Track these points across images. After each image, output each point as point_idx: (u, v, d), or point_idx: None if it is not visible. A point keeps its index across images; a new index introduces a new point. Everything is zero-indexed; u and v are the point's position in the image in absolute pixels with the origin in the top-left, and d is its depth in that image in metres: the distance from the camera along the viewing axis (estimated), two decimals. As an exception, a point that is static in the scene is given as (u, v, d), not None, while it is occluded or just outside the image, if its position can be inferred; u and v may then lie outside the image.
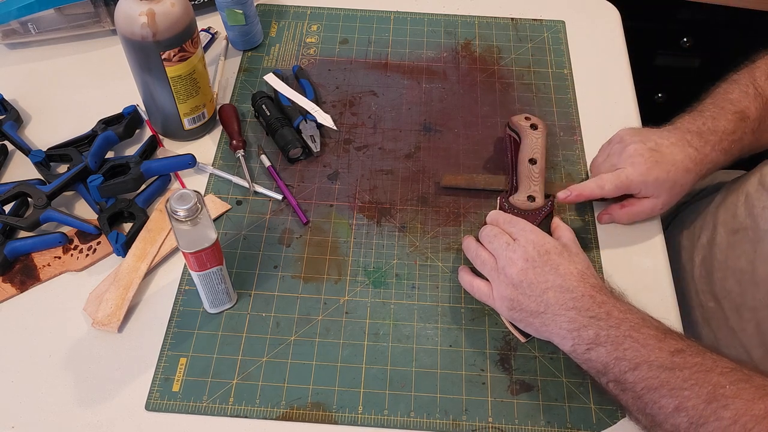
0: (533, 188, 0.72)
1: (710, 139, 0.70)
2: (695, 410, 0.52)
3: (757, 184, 0.73)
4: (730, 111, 0.72)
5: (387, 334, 0.66)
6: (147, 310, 0.68)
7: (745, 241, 0.72)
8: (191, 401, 0.62)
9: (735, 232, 0.74)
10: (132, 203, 0.73)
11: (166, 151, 0.80)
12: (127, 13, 0.68)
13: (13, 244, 0.70)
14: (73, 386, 0.63)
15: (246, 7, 0.85)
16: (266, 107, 0.81)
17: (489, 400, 0.62)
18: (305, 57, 0.90)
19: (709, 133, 0.71)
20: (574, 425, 0.61)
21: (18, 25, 0.88)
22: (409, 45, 0.92)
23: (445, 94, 0.86)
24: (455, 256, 0.72)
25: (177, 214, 0.56)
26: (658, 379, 0.54)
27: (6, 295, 0.68)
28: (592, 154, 0.76)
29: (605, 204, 0.73)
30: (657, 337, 0.56)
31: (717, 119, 0.72)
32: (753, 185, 0.74)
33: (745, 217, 0.73)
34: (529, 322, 0.61)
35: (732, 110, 0.72)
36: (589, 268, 0.62)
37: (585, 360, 0.58)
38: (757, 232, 0.70)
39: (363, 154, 0.80)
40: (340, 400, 0.62)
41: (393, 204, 0.76)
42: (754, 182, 0.74)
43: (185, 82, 0.73)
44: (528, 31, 0.93)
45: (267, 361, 0.64)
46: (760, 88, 0.74)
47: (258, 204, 0.75)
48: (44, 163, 0.76)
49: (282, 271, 0.70)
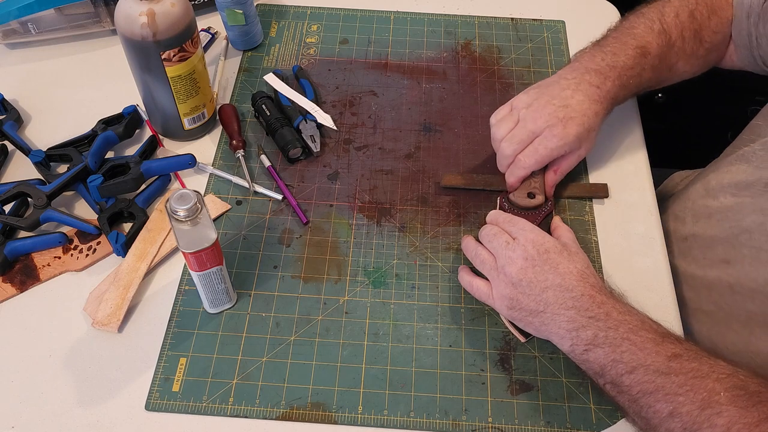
0: (533, 185, 0.72)
1: (609, 75, 0.71)
2: (689, 416, 0.52)
3: (703, 191, 0.73)
4: (631, 46, 0.72)
5: (387, 334, 0.66)
6: (147, 310, 0.68)
7: (694, 247, 0.72)
8: (191, 401, 0.62)
9: (684, 239, 0.74)
10: (132, 203, 0.73)
11: (166, 151, 0.80)
12: (127, 13, 0.68)
13: (13, 244, 0.70)
14: (73, 386, 0.63)
15: (246, 7, 0.85)
16: (266, 107, 0.81)
17: (489, 400, 0.62)
18: (305, 57, 0.90)
19: (608, 69, 0.71)
20: (574, 425, 0.61)
21: (18, 25, 0.88)
22: (409, 45, 0.92)
23: (445, 94, 0.86)
24: (455, 256, 0.72)
25: (177, 214, 0.56)
26: (653, 384, 0.54)
27: (6, 295, 0.68)
28: (593, 154, 0.76)
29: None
30: (655, 341, 0.56)
31: (617, 54, 0.72)
32: (698, 192, 0.74)
33: (693, 224, 0.73)
34: (528, 321, 0.61)
35: (633, 45, 0.72)
36: (589, 268, 0.62)
37: (583, 361, 0.58)
38: (705, 238, 0.71)
39: (363, 154, 0.80)
40: (340, 400, 0.62)
41: (393, 204, 0.76)
42: (699, 189, 0.74)
43: (185, 82, 0.74)
44: (528, 31, 0.93)
45: (267, 361, 0.64)
46: (666, 25, 0.73)
47: (258, 204, 0.75)
48: (44, 163, 0.76)
49: (282, 271, 0.70)
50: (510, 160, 0.71)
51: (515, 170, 0.71)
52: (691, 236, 0.73)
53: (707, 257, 0.70)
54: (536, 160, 0.70)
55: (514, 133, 0.70)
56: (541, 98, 0.70)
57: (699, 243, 0.72)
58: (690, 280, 0.72)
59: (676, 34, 0.73)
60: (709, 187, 0.73)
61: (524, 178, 0.71)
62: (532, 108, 0.70)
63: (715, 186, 0.72)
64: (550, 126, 0.69)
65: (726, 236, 0.68)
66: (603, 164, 0.79)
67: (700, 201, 0.74)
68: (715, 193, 0.71)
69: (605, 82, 0.70)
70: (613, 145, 0.81)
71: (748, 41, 0.74)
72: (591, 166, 0.79)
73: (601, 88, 0.70)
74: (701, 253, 0.71)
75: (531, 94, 0.72)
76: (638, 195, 0.76)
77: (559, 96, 0.70)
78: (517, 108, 0.71)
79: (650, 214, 0.75)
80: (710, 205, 0.71)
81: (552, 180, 0.72)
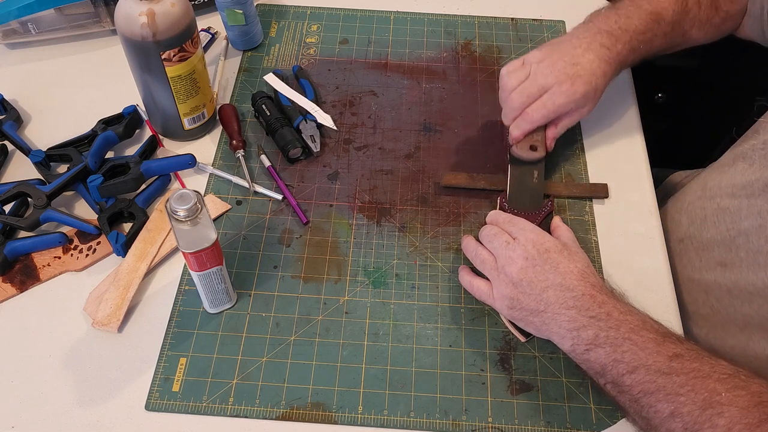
0: (535, 138, 0.72)
1: (621, 38, 0.71)
2: (690, 416, 0.52)
3: (699, 192, 0.73)
4: (646, 11, 0.72)
5: (387, 334, 0.66)
6: (147, 310, 0.68)
7: (690, 249, 0.72)
8: (191, 401, 0.62)
9: (680, 240, 0.74)
10: (132, 203, 0.73)
11: (166, 151, 0.80)
12: (127, 13, 0.68)
13: (13, 244, 0.70)
14: (73, 386, 0.63)
15: (246, 7, 0.85)
16: (266, 107, 0.81)
17: (489, 400, 0.62)
18: (305, 57, 0.90)
19: (620, 32, 0.72)
20: (574, 425, 0.61)
21: (18, 25, 0.88)
22: (409, 45, 0.92)
23: (445, 94, 0.86)
24: (455, 256, 0.72)
25: (177, 214, 0.56)
26: (654, 384, 0.54)
27: (6, 295, 0.68)
28: (593, 154, 0.76)
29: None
30: (656, 341, 0.56)
31: (631, 17, 0.72)
32: (695, 193, 0.74)
33: (688, 225, 0.73)
34: (529, 320, 0.61)
35: (648, 10, 0.72)
36: (589, 267, 0.62)
37: (584, 360, 0.58)
38: (701, 240, 0.70)
39: (363, 154, 0.80)
40: (340, 400, 0.62)
41: (393, 204, 0.76)
42: (696, 190, 0.74)
43: (185, 82, 0.74)
44: (528, 31, 0.93)
45: (267, 361, 0.64)
46: None
47: (258, 204, 0.75)
48: (44, 163, 0.76)
49: (282, 271, 0.70)
50: (517, 112, 0.72)
51: (522, 123, 0.72)
52: (686, 238, 0.73)
53: (703, 260, 0.70)
54: (544, 115, 0.71)
55: (524, 86, 0.71)
56: (553, 54, 0.71)
57: (695, 245, 0.72)
58: (687, 282, 0.72)
59: (693, 1, 0.74)
60: (707, 188, 0.72)
61: (529, 132, 0.72)
62: (543, 63, 0.71)
63: (713, 187, 0.72)
64: (559, 82, 0.70)
65: (722, 239, 0.68)
66: (603, 164, 0.79)
67: (696, 203, 0.73)
68: (712, 195, 0.71)
69: (616, 44, 0.71)
70: (613, 145, 0.81)
71: (761, 14, 0.74)
72: (591, 166, 0.79)
73: (612, 50, 0.71)
74: (697, 255, 0.71)
75: (544, 51, 0.73)
76: (638, 195, 0.76)
77: (571, 53, 0.71)
78: (529, 62, 0.72)
79: (650, 214, 0.75)
80: (706, 206, 0.71)
81: (553, 133, 0.73)
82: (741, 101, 1.19)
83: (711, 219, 0.70)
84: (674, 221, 0.76)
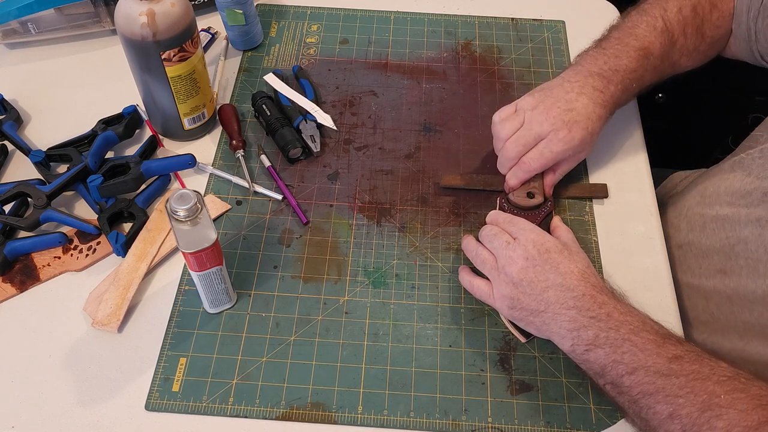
0: (532, 185, 0.72)
1: (613, 79, 0.71)
2: (689, 418, 0.52)
3: (699, 198, 0.73)
4: (633, 48, 0.72)
5: (387, 334, 0.66)
6: (147, 310, 0.68)
7: (689, 256, 0.72)
8: (191, 401, 0.62)
9: (679, 246, 0.73)
10: (132, 203, 0.73)
11: (166, 151, 0.80)
12: (127, 13, 0.68)
13: (13, 244, 0.70)
14: (73, 386, 0.63)
15: (246, 7, 0.85)
16: (266, 107, 0.81)
17: (489, 400, 0.62)
18: (305, 57, 0.90)
19: (611, 73, 0.71)
20: (574, 425, 0.61)
21: (18, 25, 0.88)
22: (409, 45, 0.92)
23: (445, 94, 0.86)
24: (455, 256, 0.72)
25: (177, 214, 0.56)
26: (654, 385, 0.54)
27: (6, 295, 0.68)
28: (592, 154, 0.76)
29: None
30: (656, 342, 0.56)
31: (619, 57, 0.71)
32: (694, 198, 0.74)
33: (687, 231, 0.73)
34: (529, 321, 0.61)
35: (636, 47, 0.72)
36: (590, 267, 0.62)
37: (583, 361, 0.58)
38: (701, 247, 0.70)
39: (363, 154, 0.80)
40: (340, 400, 0.62)
41: (393, 204, 0.76)
42: (695, 196, 0.74)
43: (185, 82, 0.74)
44: (528, 31, 0.93)
45: (267, 361, 0.64)
46: (668, 22, 0.72)
47: (258, 204, 0.75)
48: (44, 163, 0.76)
49: (282, 271, 0.70)
50: (514, 162, 0.71)
51: (518, 172, 0.71)
52: (686, 244, 0.73)
53: (703, 267, 0.70)
54: (541, 164, 0.70)
55: (519, 135, 0.70)
56: (546, 100, 0.70)
57: (694, 252, 0.71)
58: (686, 288, 0.72)
59: (679, 32, 0.73)
60: (705, 195, 0.72)
61: (526, 180, 0.71)
62: (537, 110, 0.70)
63: (712, 194, 0.71)
64: (555, 129, 0.68)
65: (721, 246, 0.68)
66: (603, 164, 0.79)
67: (695, 209, 0.73)
68: (711, 202, 0.71)
69: (608, 86, 0.70)
70: (613, 145, 0.81)
71: (747, 35, 0.74)
72: (591, 166, 0.79)
73: (605, 93, 0.70)
74: (696, 262, 0.71)
75: (536, 97, 0.71)
76: (638, 195, 0.76)
77: (564, 98, 0.69)
78: (522, 109, 0.71)
79: (650, 214, 0.75)
80: (705, 213, 0.71)
81: (551, 180, 0.72)
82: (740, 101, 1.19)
83: (710, 226, 0.70)
84: (674, 226, 0.75)
